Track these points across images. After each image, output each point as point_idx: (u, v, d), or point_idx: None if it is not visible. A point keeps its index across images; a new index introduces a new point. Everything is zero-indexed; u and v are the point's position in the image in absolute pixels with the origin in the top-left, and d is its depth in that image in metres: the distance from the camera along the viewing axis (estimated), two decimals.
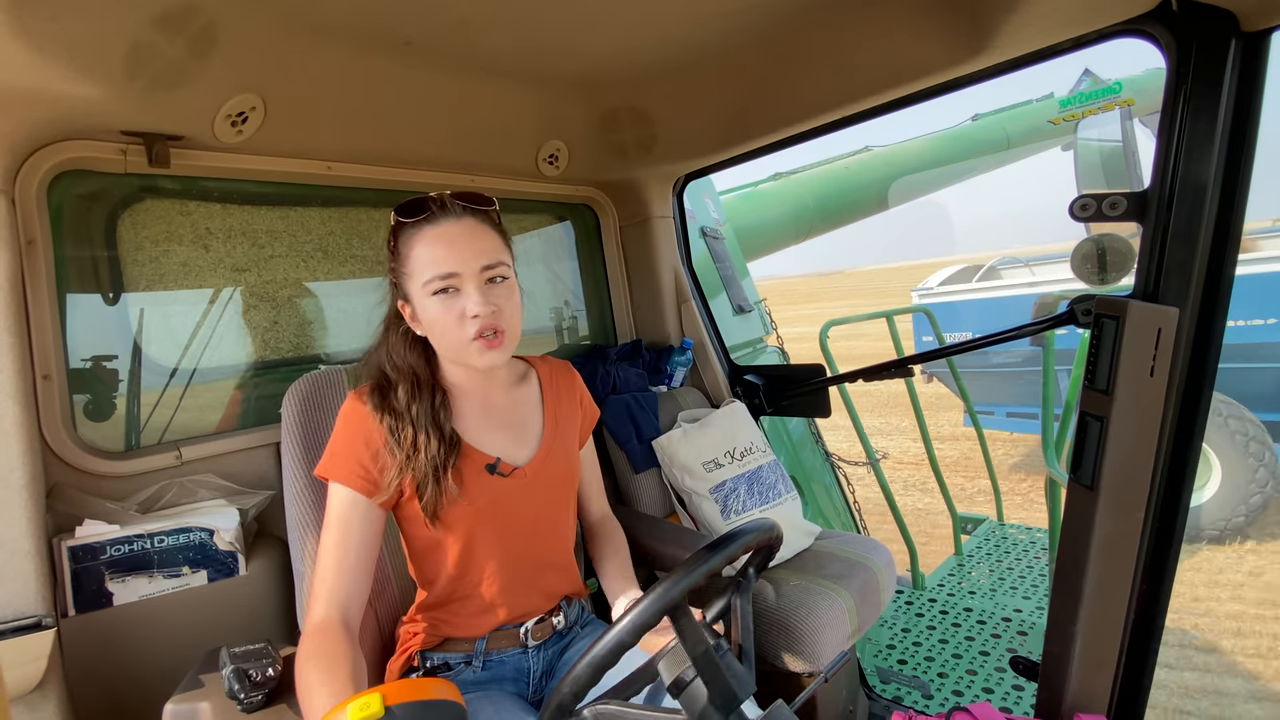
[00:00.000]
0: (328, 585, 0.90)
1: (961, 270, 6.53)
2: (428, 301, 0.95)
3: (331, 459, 0.97)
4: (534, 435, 1.10)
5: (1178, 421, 1.10)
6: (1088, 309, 1.18)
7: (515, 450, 1.07)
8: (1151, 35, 1.07)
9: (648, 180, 1.92)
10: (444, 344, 0.99)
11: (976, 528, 3.50)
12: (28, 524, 0.95)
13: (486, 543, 1.02)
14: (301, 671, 0.80)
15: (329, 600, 0.89)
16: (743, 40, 1.34)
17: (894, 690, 2.08)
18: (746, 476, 1.71)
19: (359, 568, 0.92)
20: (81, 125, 1.07)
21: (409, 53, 1.22)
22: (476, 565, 1.02)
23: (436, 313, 0.94)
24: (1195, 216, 1.04)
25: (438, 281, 0.93)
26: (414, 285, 0.96)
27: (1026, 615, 2.52)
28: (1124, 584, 1.10)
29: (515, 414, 1.10)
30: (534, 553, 1.07)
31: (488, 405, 1.07)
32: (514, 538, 1.04)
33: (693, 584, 0.72)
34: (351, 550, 0.92)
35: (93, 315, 1.21)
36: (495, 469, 1.02)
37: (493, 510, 1.02)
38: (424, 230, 0.95)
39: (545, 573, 1.09)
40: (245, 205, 1.39)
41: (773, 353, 3.51)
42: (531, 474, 1.06)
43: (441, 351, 1.02)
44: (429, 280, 0.93)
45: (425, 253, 0.94)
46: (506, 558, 1.04)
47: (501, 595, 1.04)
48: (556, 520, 1.11)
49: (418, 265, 0.95)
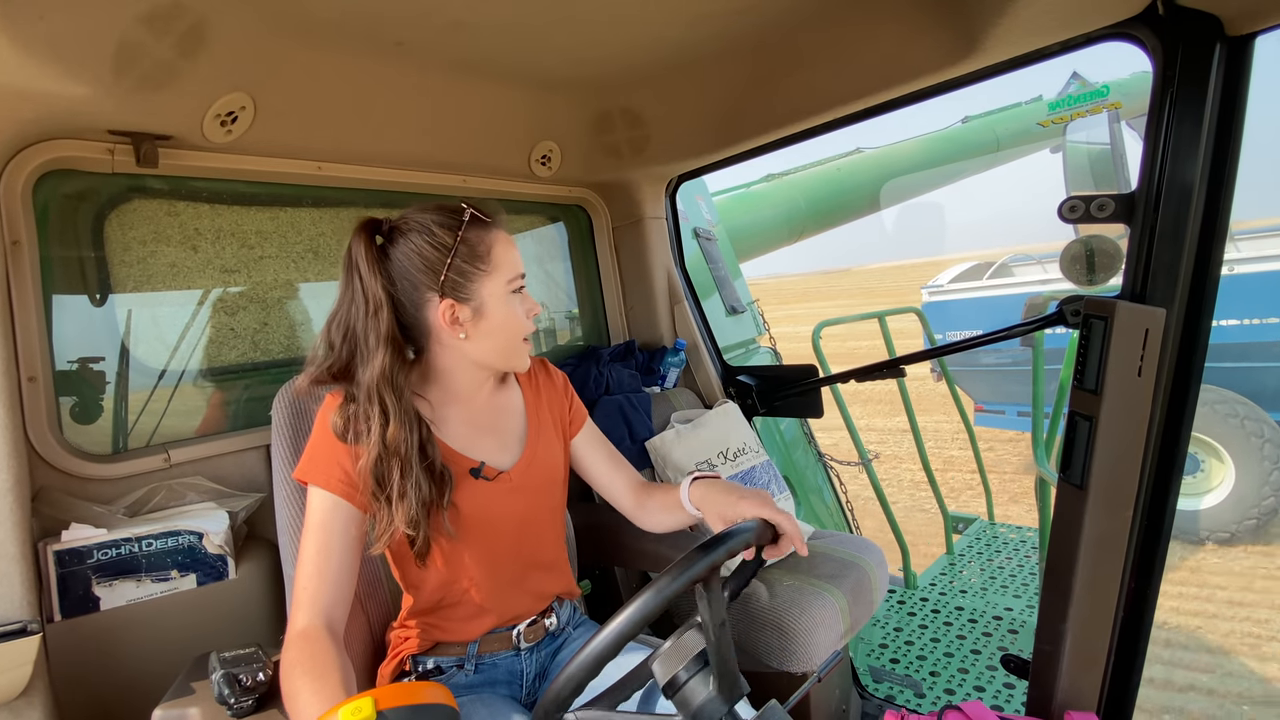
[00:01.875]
0: (309, 592, 0.87)
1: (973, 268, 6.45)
2: (508, 300, 0.98)
3: (311, 462, 0.93)
4: (517, 439, 1.09)
5: (1165, 421, 1.11)
6: (1076, 310, 1.19)
7: (500, 455, 1.06)
8: (1138, 39, 1.08)
9: (641, 181, 1.93)
10: (502, 344, 1.00)
11: (968, 527, 3.53)
12: (13, 528, 0.94)
13: (474, 548, 1.01)
14: (289, 679, 0.78)
15: (312, 606, 0.86)
16: (735, 42, 1.35)
17: (887, 689, 2.09)
18: (739, 477, 1.72)
19: (342, 573, 0.90)
20: (68, 124, 1.06)
21: (401, 53, 1.21)
22: (465, 571, 1.02)
23: (515, 310, 0.99)
24: (1182, 218, 1.05)
25: (519, 280, 1.00)
26: (491, 283, 0.97)
27: (1017, 614, 2.54)
28: (1113, 582, 1.11)
29: (498, 419, 1.09)
30: (522, 555, 1.06)
31: (472, 411, 1.06)
32: (501, 541, 1.03)
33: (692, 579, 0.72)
34: (334, 556, 0.89)
35: (79, 317, 1.19)
36: (480, 473, 1.01)
37: (479, 516, 1.01)
38: (496, 231, 0.98)
39: (535, 574, 1.09)
40: (235, 206, 1.38)
41: (765, 353, 3.52)
42: (517, 477, 1.05)
43: (486, 354, 1.00)
44: (514, 278, 0.98)
45: (504, 252, 0.98)
46: (494, 561, 1.03)
47: (491, 599, 1.03)
48: (544, 521, 1.10)
49: (500, 262, 0.97)
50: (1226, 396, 4.19)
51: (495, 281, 0.96)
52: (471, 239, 0.95)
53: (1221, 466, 4.25)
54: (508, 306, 0.98)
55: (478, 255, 0.95)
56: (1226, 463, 4.21)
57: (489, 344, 0.99)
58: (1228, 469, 4.21)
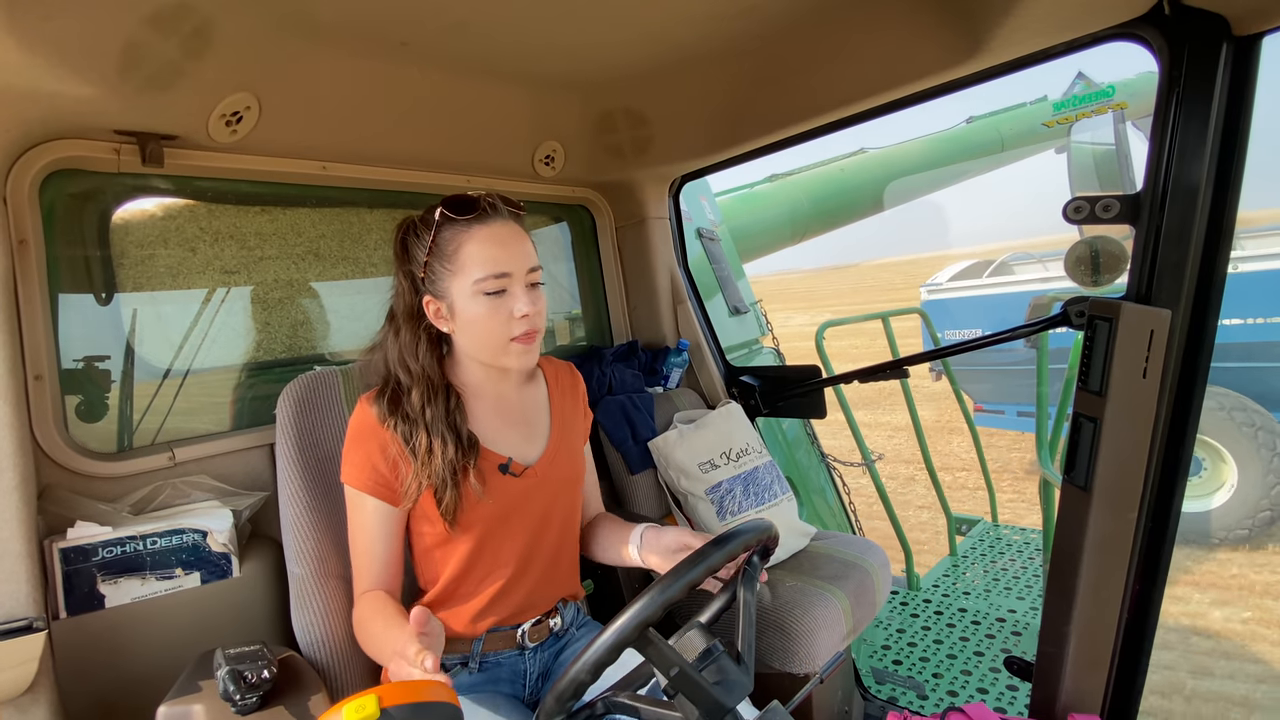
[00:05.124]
0: (363, 570, 1.01)
1: (972, 265, 6.39)
2: (474, 300, 0.95)
3: (350, 466, 1.00)
4: (542, 434, 1.10)
5: (1170, 422, 1.10)
6: (1081, 311, 1.19)
7: (525, 449, 1.07)
8: (1144, 39, 1.08)
9: (644, 181, 1.92)
10: (480, 343, 0.99)
11: (971, 528, 3.52)
12: (19, 525, 0.94)
13: (497, 542, 1.02)
14: (362, 628, 0.97)
15: (368, 579, 1.00)
16: (739, 42, 1.35)
17: (889, 691, 2.08)
18: (742, 477, 1.71)
19: (391, 560, 1.01)
20: (74, 124, 1.06)
21: (405, 53, 1.21)
22: (483, 565, 1.03)
23: (483, 311, 0.95)
24: (1187, 219, 1.04)
25: (491, 281, 0.95)
26: (458, 282, 0.96)
27: (1021, 616, 2.53)
28: (1117, 584, 1.10)
29: (525, 413, 1.10)
30: (541, 552, 1.07)
31: (500, 405, 1.07)
32: (523, 537, 1.05)
33: (694, 579, 0.72)
34: (380, 551, 1.00)
35: (85, 315, 1.20)
36: (508, 469, 1.03)
37: (505, 510, 1.02)
38: (475, 229, 0.96)
39: (549, 572, 1.09)
40: (239, 205, 1.38)
41: (768, 353, 3.52)
42: (541, 473, 1.06)
43: (472, 350, 1.02)
44: (482, 279, 0.94)
45: (478, 251, 0.95)
46: (514, 557, 1.04)
47: (502, 595, 1.04)
48: (564, 518, 1.11)
49: (468, 262, 0.95)
50: (1229, 397, 4.15)
51: (461, 281, 0.95)
52: (441, 239, 0.97)
53: (1224, 468, 4.19)
54: (476, 307, 0.95)
55: (445, 254, 0.97)
56: (1229, 464, 4.15)
57: (468, 341, 1.00)
58: (1230, 471, 4.16)
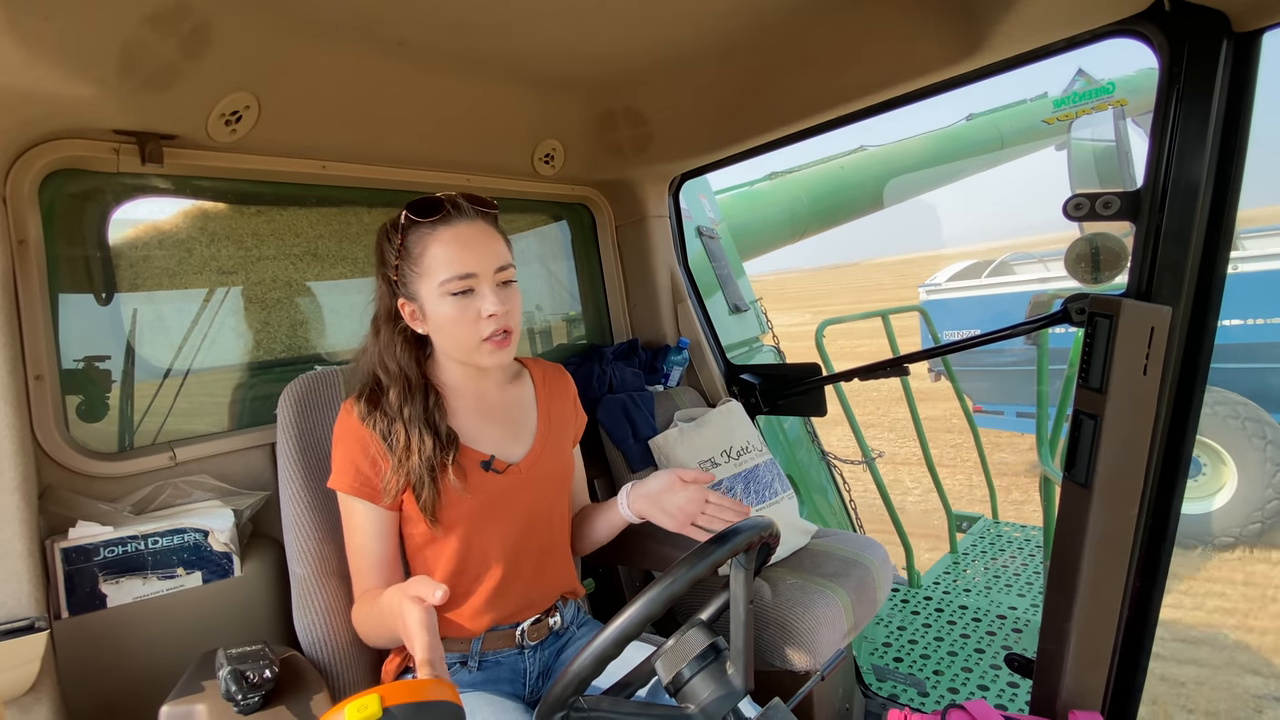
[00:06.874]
0: (361, 572, 1.02)
1: (971, 265, 6.37)
2: (441, 301, 0.96)
3: (337, 470, 1.01)
4: (528, 432, 1.10)
5: (1171, 419, 1.10)
6: (1081, 308, 1.18)
7: (510, 447, 1.07)
8: (1144, 35, 1.08)
9: (644, 180, 1.92)
10: (452, 343, 1.00)
11: (972, 525, 3.52)
12: (20, 526, 0.94)
13: (483, 540, 1.03)
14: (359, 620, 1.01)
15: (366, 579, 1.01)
16: (738, 40, 1.35)
17: (890, 688, 2.09)
18: (743, 476, 1.71)
19: (386, 562, 1.02)
20: (74, 124, 1.06)
21: (404, 53, 1.21)
22: (474, 563, 1.03)
23: (450, 313, 0.96)
24: (1187, 216, 1.04)
25: (456, 282, 0.95)
26: (425, 284, 0.96)
27: (1021, 613, 2.53)
28: (1118, 581, 1.10)
29: (509, 411, 1.10)
30: (531, 549, 1.07)
31: (481, 403, 1.08)
32: (510, 534, 1.05)
33: (696, 576, 0.72)
34: (374, 552, 1.00)
35: (85, 315, 1.20)
36: (490, 466, 1.03)
37: (489, 507, 1.02)
38: (439, 230, 0.96)
39: (541, 569, 1.09)
40: (239, 205, 1.38)
41: (769, 351, 3.52)
42: (526, 470, 1.06)
43: (447, 350, 1.03)
44: (446, 280, 0.95)
45: (442, 253, 0.95)
46: (503, 554, 1.04)
47: (498, 593, 1.04)
48: (552, 516, 1.11)
49: (433, 265, 0.95)
50: (1229, 399, 4.14)
51: (429, 284, 0.96)
52: (409, 241, 0.98)
53: (1224, 469, 4.18)
54: (444, 308, 0.96)
55: (413, 257, 0.97)
56: (1229, 466, 4.14)
57: (442, 341, 1.01)
58: (1230, 472, 4.14)
